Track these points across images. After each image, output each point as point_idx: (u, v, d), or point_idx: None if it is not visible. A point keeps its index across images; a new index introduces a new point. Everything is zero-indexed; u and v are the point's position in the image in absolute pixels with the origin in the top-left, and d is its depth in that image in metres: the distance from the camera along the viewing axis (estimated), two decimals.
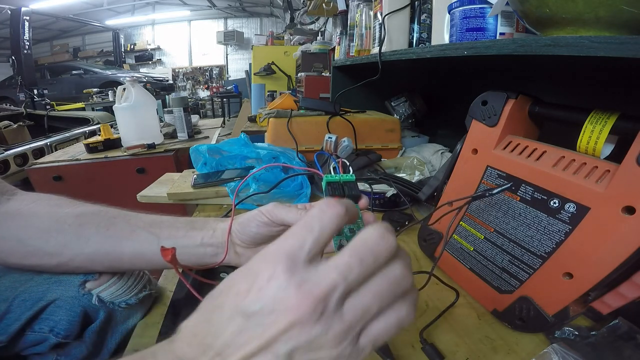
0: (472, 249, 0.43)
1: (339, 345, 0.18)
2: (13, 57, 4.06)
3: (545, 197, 0.34)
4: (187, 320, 0.20)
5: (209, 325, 0.19)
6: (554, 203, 0.33)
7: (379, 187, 0.67)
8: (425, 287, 0.39)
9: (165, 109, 1.83)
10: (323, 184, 0.28)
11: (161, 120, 1.73)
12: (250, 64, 3.60)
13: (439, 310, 0.39)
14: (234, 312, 0.18)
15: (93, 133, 2.29)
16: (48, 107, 3.54)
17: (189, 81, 7.87)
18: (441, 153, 0.89)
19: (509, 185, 0.37)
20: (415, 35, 0.75)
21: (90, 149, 1.39)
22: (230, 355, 0.18)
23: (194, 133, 1.59)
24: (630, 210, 0.27)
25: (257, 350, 0.17)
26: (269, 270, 0.18)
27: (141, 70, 7.94)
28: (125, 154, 1.35)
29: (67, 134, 2.23)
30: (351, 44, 1.03)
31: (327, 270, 0.18)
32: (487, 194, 0.35)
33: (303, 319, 0.17)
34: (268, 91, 2.16)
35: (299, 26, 3.17)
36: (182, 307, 0.41)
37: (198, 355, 0.19)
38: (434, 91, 1.11)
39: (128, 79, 1.44)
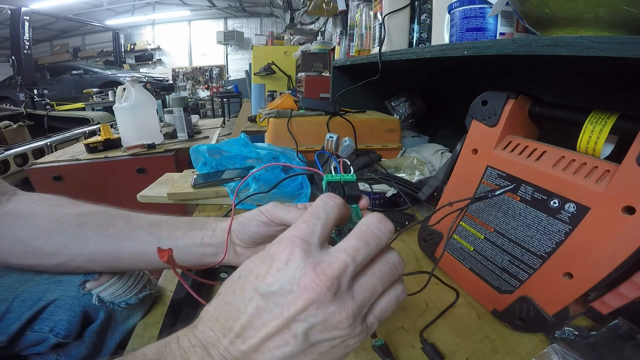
0: (472, 249, 0.43)
1: (351, 324, 0.19)
2: (13, 57, 4.05)
3: (545, 197, 0.34)
4: (207, 305, 0.21)
5: (230, 309, 0.20)
6: (554, 203, 0.33)
7: (379, 187, 0.67)
8: (425, 287, 0.39)
9: (165, 109, 1.83)
10: (323, 183, 0.28)
11: (161, 120, 1.73)
12: (250, 64, 3.60)
13: (439, 310, 0.39)
14: (253, 293, 0.19)
15: (93, 133, 2.29)
16: (48, 107, 3.53)
17: (189, 81, 7.87)
18: (441, 153, 0.89)
19: (511, 186, 0.37)
20: (415, 35, 0.75)
21: (90, 149, 1.39)
22: (250, 337, 0.19)
23: (194, 133, 1.59)
24: (630, 210, 0.27)
25: (276, 331, 0.18)
26: (286, 252, 0.19)
27: (141, 70, 7.93)
28: (125, 154, 1.35)
29: (67, 134, 2.23)
30: (351, 44, 1.03)
31: (338, 252, 0.19)
32: (489, 195, 0.35)
33: (319, 297, 0.18)
34: (268, 91, 2.16)
35: (299, 26, 3.17)
36: (182, 307, 0.41)
37: (220, 338, 0.19)
38: (434, 91, 1.11)
39: (128, 79, 1.44)
